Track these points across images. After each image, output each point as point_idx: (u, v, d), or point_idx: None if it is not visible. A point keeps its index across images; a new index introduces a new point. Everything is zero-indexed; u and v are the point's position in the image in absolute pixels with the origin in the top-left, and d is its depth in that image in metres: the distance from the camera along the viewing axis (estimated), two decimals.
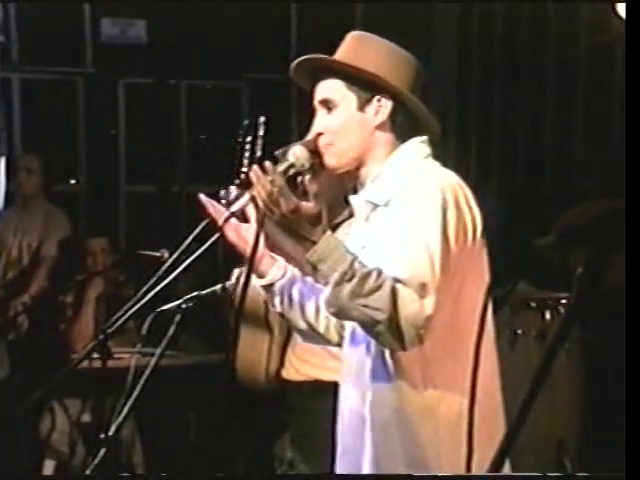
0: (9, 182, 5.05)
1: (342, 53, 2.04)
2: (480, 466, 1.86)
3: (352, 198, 2.08)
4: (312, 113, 2.08)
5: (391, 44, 2.05)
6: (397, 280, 1.83)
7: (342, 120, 2.01)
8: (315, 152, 2.02)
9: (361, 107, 2.00)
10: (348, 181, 2.13)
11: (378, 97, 2.00)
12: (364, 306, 1.83)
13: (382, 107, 2.00)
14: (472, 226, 1.94)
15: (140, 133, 6.19)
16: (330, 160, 2.02)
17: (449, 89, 6.14)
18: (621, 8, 3.69)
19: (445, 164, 2.09)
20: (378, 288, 1.82)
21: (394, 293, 1.82)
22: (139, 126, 6.20)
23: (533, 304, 3.74)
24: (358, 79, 2.00)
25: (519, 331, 3.72)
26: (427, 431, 1.94)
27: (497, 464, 1.11)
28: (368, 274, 1.83)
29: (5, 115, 5.49)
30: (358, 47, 2.03)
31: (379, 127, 2.01)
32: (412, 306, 1.82)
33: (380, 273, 1.84)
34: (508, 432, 1.17)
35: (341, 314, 1.91)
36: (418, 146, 2.03)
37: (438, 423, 1.94)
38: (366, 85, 2.00)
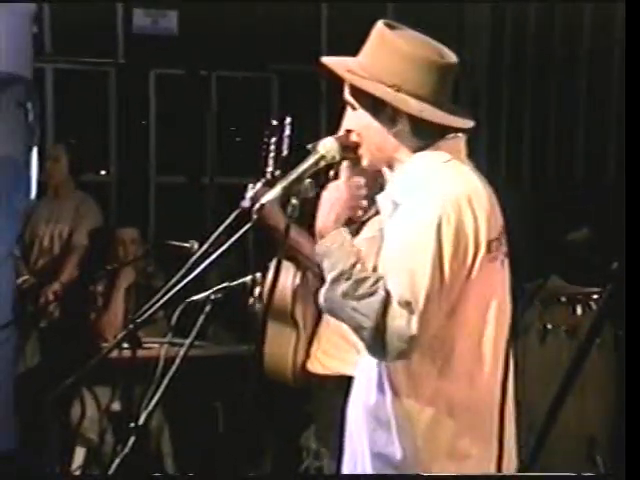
0: (41, 172, 5.09)
1: (361, 57, 1.98)
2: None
3: (380, 195, 2.07)
4: (344, 105, 2.07)
5: (416, 44, 1.95)
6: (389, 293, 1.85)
7: (362, 123, 1.99)
8: (347, 147, 2.01)
9: (376, 115, 1.96)
10: (380, 178, 2.12)
11: (393, 108, 1.94)
12: (353, 309, 1.86)
13: (398, 116, 1.94)
14: (474, 242, 1.89)
15: (170, 124, 6.22)
16: (362, 158, 2.02)
17: (480, 82, 6.10)
18: None
19: (476, 159, 2.07)
20: (370, 295, 1.85)
21: (385, 304, 1.84)
22: (169, 117, 6.22)
23: (564, 299, 3.72)
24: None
25: (549, 326, 3.70)
26: (406, 437, 1.95)
27: (530, 460, 1.10)
28: (365, 279, 1.86)
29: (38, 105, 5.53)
30: (377, 52, 1.96)
31: (398, 133, 1.95)
32: (400, 321, 1.83)
33: (377, 280, 1.86)
34: (540, 428, 1.16)
35: (331, 311, 1.94)
36: (435, 153, 1.96)
37: (416, 431, 1.94)
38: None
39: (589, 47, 5.29)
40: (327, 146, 2.01)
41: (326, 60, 2.00)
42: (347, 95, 2.01)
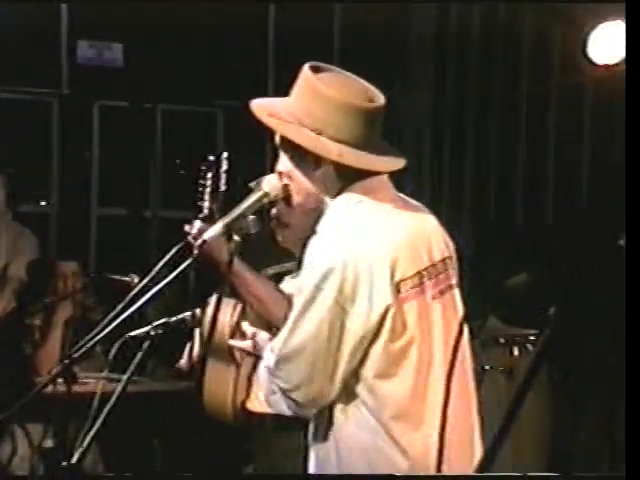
0: None
1: (290, 99, 2.00)
2: None
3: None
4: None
5: (338, 88, 1.95)
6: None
7: (290, 165, 2.01)
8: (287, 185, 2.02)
9: (301, 158, 1.97)
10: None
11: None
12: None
13: (321, 160, 1.95)
14: (373, 286, 1.87)
15: (114, 156, 6.17)
16: (292, 199, 2.03)
17: (423, 120, 6.20)
18: (591, 50, 3.76)
19: (419, 195, 2.09)
20: None
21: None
22: (113, 149, 6.17)
23: (502, 340, 3.76)
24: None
25: (487, 367, 3.73)
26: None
27: None
28: None
29: None
30: (301, 96, 1.98)
31: (323, 176, 1.96)
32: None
33: None
34: (477, 468, 1.17)
35: None
36: (349, 196, 1.97)
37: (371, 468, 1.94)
38: None
39: (527, 89, 5.43)
40: (271, 184, 2.02)
41: (253, 102, 2.02)
42: (276, 138, 2.03)
